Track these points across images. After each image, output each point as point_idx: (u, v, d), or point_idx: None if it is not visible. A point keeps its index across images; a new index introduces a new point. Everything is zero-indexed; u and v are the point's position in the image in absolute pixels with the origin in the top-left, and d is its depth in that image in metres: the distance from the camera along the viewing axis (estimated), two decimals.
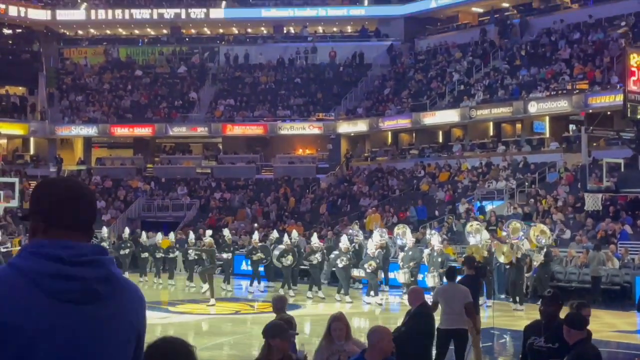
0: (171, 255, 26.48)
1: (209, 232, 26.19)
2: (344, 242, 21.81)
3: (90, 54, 50.57)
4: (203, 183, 41.41)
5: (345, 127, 42.61)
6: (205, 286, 21.50)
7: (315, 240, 22.89)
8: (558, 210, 26.90)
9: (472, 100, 37.42)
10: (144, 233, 28.14)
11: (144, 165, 43.88)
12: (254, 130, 43.84)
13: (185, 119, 44.61)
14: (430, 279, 20.23)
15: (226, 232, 25.73)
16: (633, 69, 18.01)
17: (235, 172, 42.24)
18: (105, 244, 26.70)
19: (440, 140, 40.72)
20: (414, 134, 41.70)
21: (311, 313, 19.34)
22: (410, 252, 21.37)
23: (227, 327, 17.53)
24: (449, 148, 39.01)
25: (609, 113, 30.63)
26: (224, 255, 23.69)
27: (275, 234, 24.94)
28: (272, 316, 9.63)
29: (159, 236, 27.08)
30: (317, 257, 22.22)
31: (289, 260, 22.63)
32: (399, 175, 37.82)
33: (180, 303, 21.43)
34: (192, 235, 26.01)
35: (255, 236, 24.86)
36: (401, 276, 21.18)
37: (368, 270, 20.84)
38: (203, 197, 39.64)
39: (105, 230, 28.95)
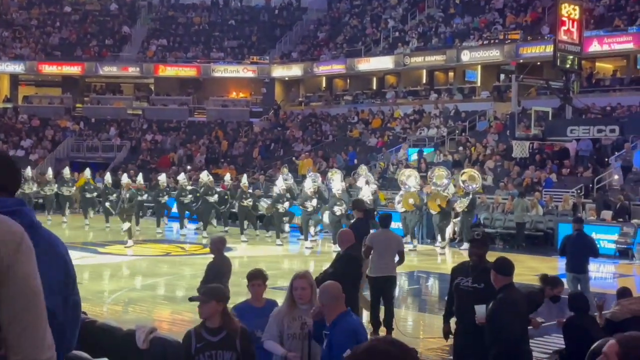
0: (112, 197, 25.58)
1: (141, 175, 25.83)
2: (308, 185, 21.66)
3: None
4: (134, 124, 40.77)
5: (280, 71, 42.34)
6: (125, 225, 21.16)
7: (309, 185, 21.96)
8: (487, 157, 27.46)
9: (406, 47, 37.56)
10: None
11: (72, 105, 42.91)
12: (187, 71, 43.20)
13: (116, 58, 43.62)
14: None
15: (162, 177, 25.44)
16: (564, 18, 18.29)
17: (168, 114, 41.68)
18: (30, 185, 26.26)
19: (374, 86, 40.88)
20: (348, 80, 41.74)
21: (245, 254, 19.43)
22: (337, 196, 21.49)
23: (159, 269, 17.51)
24: (382, 95, 39.22)
25: (539, 63, 31.19)
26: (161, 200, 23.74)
27: (204, 176, 24.64)
28: (206, 258, 9.66)
29: (108, 176, 26.31)
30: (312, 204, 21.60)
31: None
32: (333, 121, 37.93)
33: (109, 244, 21.22)
34: (125, 177, 25.55)
35: (182, 177, 24.80)
36: (325, 218, 21.33)
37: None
38: (134, 139, 39.08)
39: (29, 170, 28.24)
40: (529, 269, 17.18)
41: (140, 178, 24.62)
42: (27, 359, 2.20)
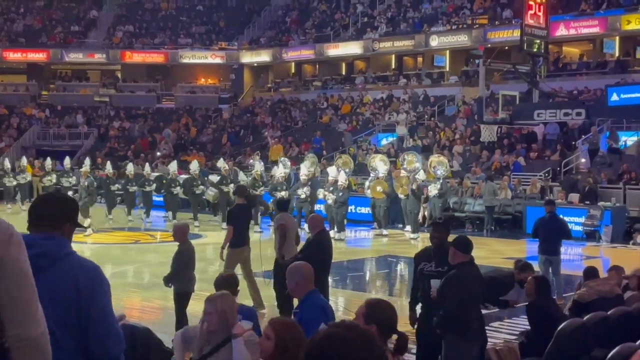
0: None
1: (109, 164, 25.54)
2: (280, 171, 21.58)
3: None
4: (101, 112, 40.33)
5: (249, 57, 42.09)
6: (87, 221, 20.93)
7: (280, 171, 21.83)
8: (456, 142, 27.58)
9: (375, 32, 37.54)
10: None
11: (38, 92, 42.29)
12: (155, 58, 42.79)
13: (81, 44, 43.06)
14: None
15: (130, 166, 25.19)
16: (531, 2, 18.41)
17: (135, 100, 41.28)
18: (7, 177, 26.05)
19: (343, 72, 40.82)
20: (317, 66, 41.63)
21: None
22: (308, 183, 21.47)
23: (128, 257, 17.37)
24: (351, 80, 39.19)
25: (507, 48, 31.36)
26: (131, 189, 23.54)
27: (174, 166, 24.46)
28: (174, 245, 9.60)
29: (67, 161, 26.01)
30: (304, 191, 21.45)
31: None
32: (302, 107, 37.84)
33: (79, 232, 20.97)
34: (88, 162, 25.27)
35: (147, 168, 24.65)
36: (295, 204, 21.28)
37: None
38: (102, 126, 38.67)
39: (7, 161, 27.79)
40: (497, 252, 17.35)
41: (108, 166, 24.39)
42: (22, 334, 2.60)
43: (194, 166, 23.51)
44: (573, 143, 25.43)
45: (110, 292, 3.40)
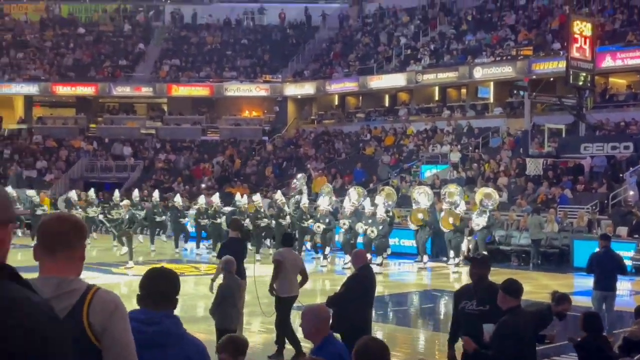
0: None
1: (156, 193, 25.88)
2: (324, 203, 21.73)
3: (31, 10, 49.19)
4: (148, 144, 40.91)
5: (292, 90, 42.41)
6: (124, 248, 21.15)
7: (325, 203, 22.08)
8: (501, 174, 27.32)
9: (419, 64, 37.56)
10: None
11: (86, 125, 43.10)
12: (200, 91, 43.35)
13: (129, 78, 43.85)
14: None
15: (177, 198, 25.46)
16: (576, 35, 18.27)
17: (181, 133, 41.81)
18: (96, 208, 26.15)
19: (387, 104, 40.86)
20: (360, 98, 41.73)
21: None
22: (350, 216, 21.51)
23: None
24: (395, 112, 39.19)
25: (551, 79, 31.09)
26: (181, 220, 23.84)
27: (216, 198, 24.65)
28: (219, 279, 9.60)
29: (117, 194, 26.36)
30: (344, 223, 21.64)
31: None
32: (345, 139, 37.91)
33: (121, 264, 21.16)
34: (136, 193, 25.63)
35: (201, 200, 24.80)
36: (341, 237, 21.35)
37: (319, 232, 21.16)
38: (147, 158, 39.21)
39: (74, 193, 28.09)
40: (543, 287, 17.03)
41: (156, 195, 24.65)
42: None
43: (242, 199, 23.54)
44: (621, 175, 25.01)
45: None
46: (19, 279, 1.95)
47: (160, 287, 3.73)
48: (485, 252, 18.77)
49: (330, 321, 5.32)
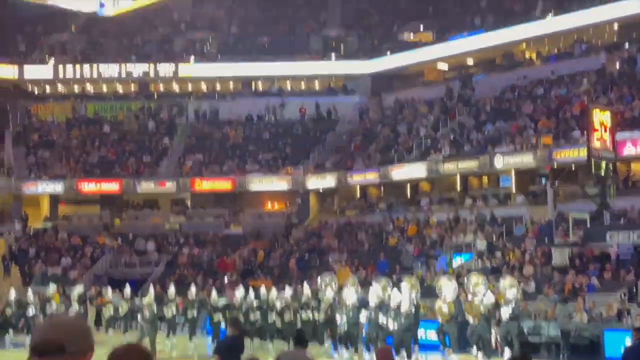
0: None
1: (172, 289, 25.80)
2: (350, 295, 21.59)
3: (58, 110, 50.36)
4: (171, 239, 41.11)
5: (314, 181, 42.73)
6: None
7: (351, 294, 21.75)
8: (526, 263, 27.06)
9: (439, 154, 37.82)
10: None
11: (110, 221, 43.46)
12: (223, 185, 43.78)
13: (153, 174, 44.41)
14: None
15: (192, 289, 25.38)
16: (596, 125, 18.40)
17: (204, 227, 42.03)
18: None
19: (408, 194, 40.97)
20: (382, 188, 41.92)
21: None
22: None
23: None
24: (416, 202, 39.25)
25: (573, 167, 31.12)
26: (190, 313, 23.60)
27: (241, 291, 24.56)
28: None
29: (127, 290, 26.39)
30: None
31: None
32: (368, 229, 37.92)
33: None
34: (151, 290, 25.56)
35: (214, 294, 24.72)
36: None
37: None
38: (171, 253, 39.33)
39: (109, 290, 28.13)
40: None
41: (172, 291, 24.53)
42: None
43: (267, 292, 23.44)
44: None
45: None
46: None
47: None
48: (517, 344, 18.43)
49: None
